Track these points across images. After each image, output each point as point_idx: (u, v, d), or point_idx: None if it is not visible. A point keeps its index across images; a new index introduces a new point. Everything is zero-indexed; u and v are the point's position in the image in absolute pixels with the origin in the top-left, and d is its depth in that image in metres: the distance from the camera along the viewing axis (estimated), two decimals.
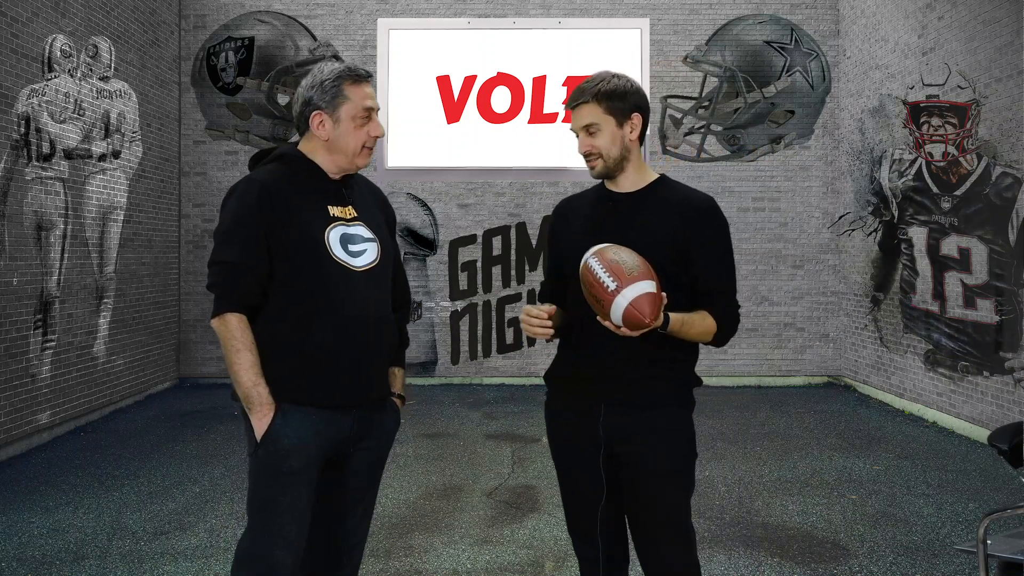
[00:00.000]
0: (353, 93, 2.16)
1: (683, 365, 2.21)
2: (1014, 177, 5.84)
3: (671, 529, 2.17)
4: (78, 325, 6.60)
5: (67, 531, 4.18)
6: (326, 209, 2.16)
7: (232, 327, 2.07)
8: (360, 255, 2.18)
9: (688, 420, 2.22)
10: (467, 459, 5.63)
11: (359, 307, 2.14)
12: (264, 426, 2.07)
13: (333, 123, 2.17)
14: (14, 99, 5.80)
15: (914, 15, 7.20)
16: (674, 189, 2.24)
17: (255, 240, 2.08)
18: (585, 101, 2.18)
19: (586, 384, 2.21)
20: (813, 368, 8.83)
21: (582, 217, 2.28)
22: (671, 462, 2.16)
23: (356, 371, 2.16)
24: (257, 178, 2.14)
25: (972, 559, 3.73)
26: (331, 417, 2.13)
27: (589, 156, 2.20)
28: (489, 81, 8.86)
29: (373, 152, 2.25)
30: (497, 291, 8.81)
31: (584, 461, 2.21)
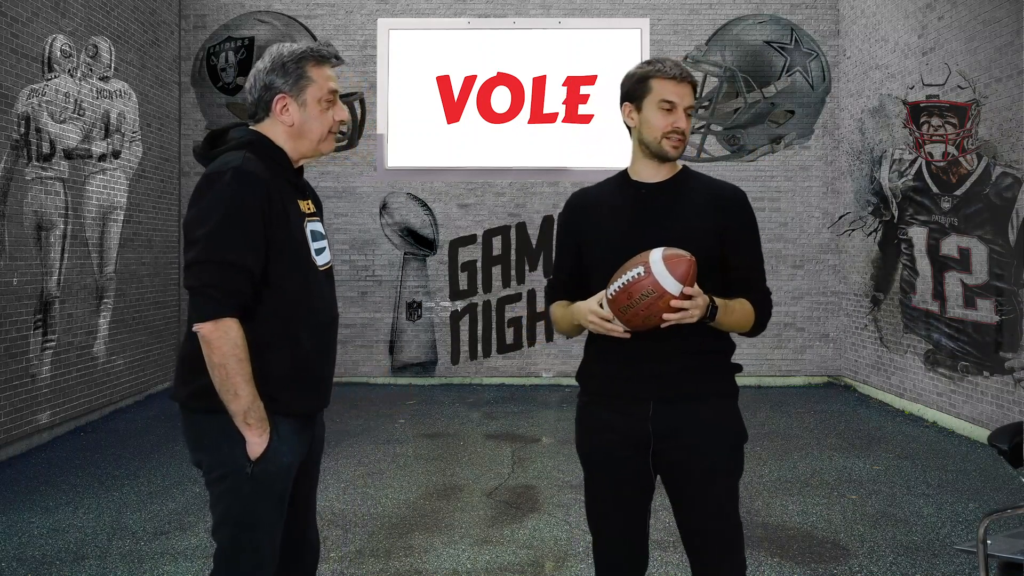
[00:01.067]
0: (317, 74, 2.00)
1: (725, 355, 2.21)
2: (1014, 177, 5.84)
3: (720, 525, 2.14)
4: (78, 325, 6.60)
5: (67, 531, 4.17)
6: (297, 203, 2.02)
7: (233, 334, 1.87)
8: (321, 253, 2.07)
9: (735, 408, 2.22)
10: (467, 459, 5.63)
11: (328, 309, 2.07)
12: (264, 443, 1.93)
13: (299, 107, 2.00)
14: (14, 99, 5.80)
15: (914, 15, 7.20)
16: (701, 179, 2.24)
17: (257, 239, 1.90)
18: (692, 82, 2.21)
19: (631, 382, 2.13)
20: (813, 368, 8.83)
21: (609, 208, 2.20)
22: (720, 456, 2.14)
23: (329, 376, 2.11)
24: (248, 168, 1.91)
25: (972, 559, 3.73)
26: (307, 424, 2.08)
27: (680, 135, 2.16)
28: (489, 81, 8.86)
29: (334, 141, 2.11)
30: (497, 291, 8.81)
31: (630, 461, 2.14)
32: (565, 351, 8.79)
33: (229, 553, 1.98)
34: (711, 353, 2.16)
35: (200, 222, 1.88)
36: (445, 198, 8.85)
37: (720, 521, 2.14)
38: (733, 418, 2.20)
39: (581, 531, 4.17)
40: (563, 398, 7.98)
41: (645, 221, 2.14)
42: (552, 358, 8.81)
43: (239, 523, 1.96)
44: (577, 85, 8.85)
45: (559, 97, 8.85)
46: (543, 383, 8.73)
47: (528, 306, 8.80)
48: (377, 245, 8.81)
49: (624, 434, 2.15)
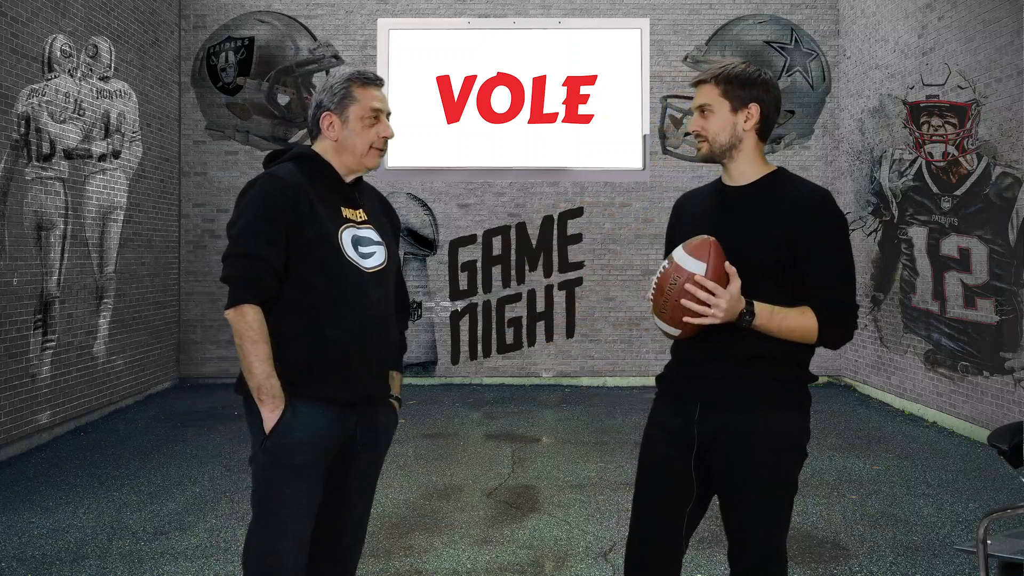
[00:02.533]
0: (361, 95, 2.22)
1: (784, 363, 2.08)
2: (1014, 177, 5.84)
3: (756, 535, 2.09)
4: (78, 325, 6.60)
5: (67, 531, 4.17)
6: (340, 210, 2.22)
7: (249, 318, 2.09)
8: (370, 257, 2.23)
9: (789, 422, 2.09)
10: (467, 459, 5.63)
11: (368, 307, 2.20)
12: (274, 419, 2.10)
13: (341, 123, 2.23)
14: (14, 99, 5.80)
15: (914, 15, 7.20)
16: (787, 183, 2.12)
17: (277, 235, 2.11)
18: (705, 81, 2.13)
19: (683, 384, 2.17)
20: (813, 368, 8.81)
21: (695, 215, 2.22)
22: (763, 466, 2.06)
23: (364, 369, 2.21)
24: (279, 175, 2.18)
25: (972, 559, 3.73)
26: (339, 414, 2.18)
27: (697, 137, 2.15)
28: (489, 81, 8.86)
29: (383, 154, 2.30)
30: (497, 291, 8.81)
31: (675, 463, 2.14)
32: (565, 351, 8.80)
33: (253, 525, 2.17)
34: (763, 359, 2.06)
35: (233, 222, 2.17)
36: (445, 198, 8.85)
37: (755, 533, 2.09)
38: (782, 431, 2.09)
39: (581, 531, 4.17)
40: (563, 398, 7.98)
41: (718, 226, 2.11)
42: (552, 358, 8.81)
43: (260, 496, 2.16)
44: (577, 85, 8.85)
45: (559, 97, 8.85)
46: (543, 383, 8.73)
47: (528, 306, 8.80)
48: None
49: (671, 434, 2.16)
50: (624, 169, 8.72)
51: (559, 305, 8.80)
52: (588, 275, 8.81)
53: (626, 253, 8.81)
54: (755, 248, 2.03)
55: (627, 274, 8.78)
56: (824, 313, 2.03)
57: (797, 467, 2.13)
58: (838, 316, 2.05)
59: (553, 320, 8.80)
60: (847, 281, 2.06)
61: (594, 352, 8.79)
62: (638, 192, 8.78)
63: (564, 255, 8.83)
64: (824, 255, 2.03)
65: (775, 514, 2.10)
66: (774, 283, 2.04)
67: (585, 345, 8.80)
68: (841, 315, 2.05)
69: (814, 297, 2.04)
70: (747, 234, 2.06)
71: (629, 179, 8.72)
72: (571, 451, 5.85)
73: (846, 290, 2.06)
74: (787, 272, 2.04)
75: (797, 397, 2.12)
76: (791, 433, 2.11)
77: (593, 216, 8.84)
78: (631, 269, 8.78)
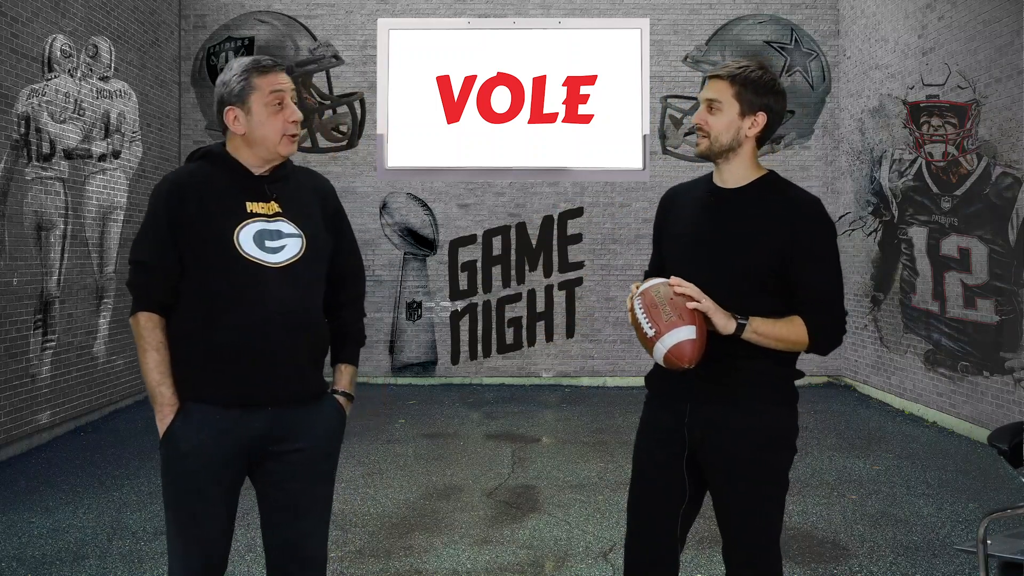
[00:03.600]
0: (260, 82, 2.13)
1: (772, 361, 2.10)
2: (1014, 177, 5.84)
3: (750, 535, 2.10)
4: (78, 325, 6.60)
5: (67, 531, 4.17)
6: (243, 205, 2.14)
7: (141, 327, 2.12)
8: (278, 251, 2.13)
9: (781, 416, 2.12)
10: (467, 459, 5.63)
11: (269, 305, 2.08)
12: (164, 425, 2.09)
13: (246, 116, 2.13)
14: (14, 99, 5.80)
15: (914, 15, 7.20)
16: (778, 189, 2.13)
17: (164, 239, 2.11)
18: (720, 76, 2.11)
19: (673, 384, 2.16)
20: (813, 368, 8.82)
21: (685, 212, 2.23)
22: (753, 463, 2.08)
23: (263, 370, 2.09)
24: (170, 177, 2.17)
25: (972, 559, 3.73)
26: (237, 416, 2.08)
27: (699, 131, 2.15)
28: (489, 81, 8.86)
29: (295, 141, 2.20)
30: (497, 291, 8.81)
31: (667, 463, 2.16)
32: (565, 351, 8.80)
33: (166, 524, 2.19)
34: (751, 357, 2.07)
35: None
36: (445, 198, 8.85)
37: (747, 530, 2.11)
38: (772, 426, 2.10)
39: (581, 531, 4.17)
40: (563, 398, 7.98)
41: (706, 230, 2.12)
42: (552, 358, 8.81)
43: (164, 500, 2.17)
44: (577, 85, 8.85)
45: (559, 97, 8.85)
46: (543, 383, 8.73)
47: (528, 306, 8.80)
48: (377, 245, 8.81)
49: (663, 434, 2.18)
50: (624, 169, 8.72)
51: (559, 305, 8.80)
52: (588, 275, 8.81)
53: (626, 253, 8.81)
54: (747, 255, 2.05)
55: (627, 274, 8.78)
56: (815, 322, 2.05)
57: (787, 464, 2.14)
58: (830, 327, 2.07)
59: (553, 320, 8.80)
60: (837, 288, 2.09)
61: (594, 352, 8.79)
62: (638, 192, 8.78)
63: (564, 255, 8.82)
64: (816, 263, 2.04)
65: (767, 511, 2.11)
66: (765, 289, 2.05)
67: (585, 345, 8.80)
68: (833, 326, 2.08)
69: (805, 305, 2.05)
70: (739, 240, 2.08)
71: (629, 179, 8.72)
72: (571, 451, 5.85)
73: (836, 298, 2.08)
74: (778, 278, 2.06)
75: (785, 394, 2.15)
76: (780, 429, 2.12)
77: (593, 216, 8.84)
78: (631, 269, 8.78)
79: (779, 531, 2.15)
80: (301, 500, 2.17)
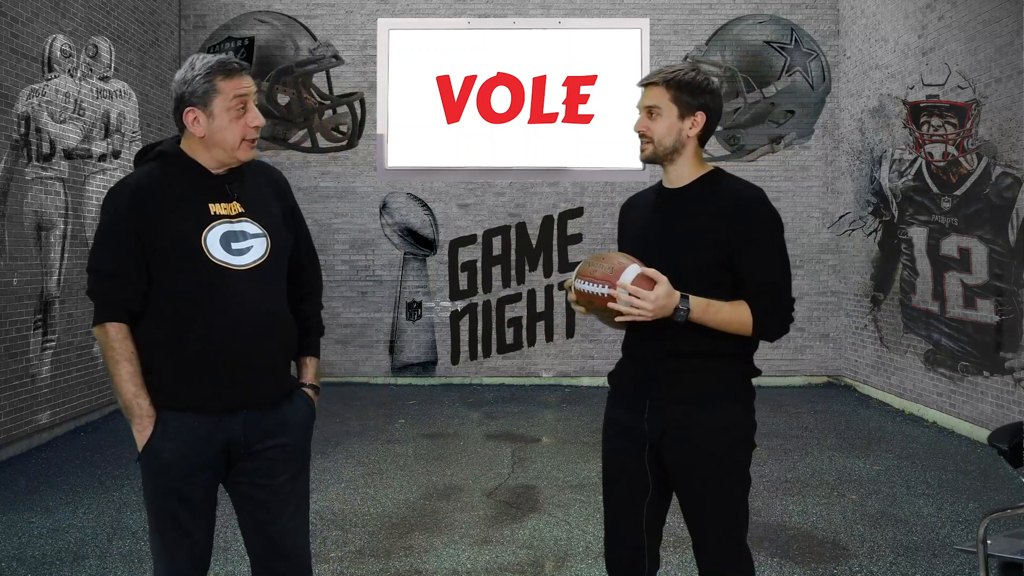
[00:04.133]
0: (224, 86, 2.06)
1: (731, 358, 2.16)
2: (1014, 177, 5.84)
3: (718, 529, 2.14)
4: (78, 325, 6.60)
5: (67, 531, 4.17)
6: (206, 208, 2.09)
7: (111, 337, 2.05)
8: (244, 253, 2.09)
9: (738, 413, 2.17)
10: (467, 459, 5.63)
11: (240, 308, 2.06)
12: (144, 438, 2.05)
13: (207, 118, 2.07)
14: (14, 99, 5.80)
15: (914, 15, 7.20)
16: (722, 183, 2.18)
17: (127, 247, 2.05)
18: (655, 83, 2.17)
19: (633, 381, 2.22)
20: (813, 368, 8.83)
21: (638, 216, 2.31)
22: (713, 459, 2.12)
23: (238, 374, 2.07)
24: (129, 181, 2.10)
25: (972, 559, 3.73)
26: (214, 421, 2.08)
27: (642, 137, 2.20)
28: (489, 81, 8.86)
29: (254, 146, 2.15)
30: (497, 291, 8.81)
31: (629, 458, 2.21)
32: (565, 351, 8.80)
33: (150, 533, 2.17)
34: (709, 355, 2.13)
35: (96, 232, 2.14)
36: (445, 198, 8.85)
37: (713, 526, 2.15)
38: (732, 424, 2.16)
39: (581, 531, 4.17)
40: (563, 398, 7.98)
41: (656, 231, 2.20)
42: (552, 358, 8.81)
43: (146, 507, 2.15)
44: (577, 85, 8.85)
45: (559, 97, 8.85)
46: (543, 383, 8.73)
47: (528, 306, 8.80)
48: (377, 245, 8.81)
49: (626, 430, 2.23)
50: (624, 169, 8.72)
51: (559, 305, 8.80)
52: None
53: None
54: (694, 249, 2.11)
55: None
56: (759, 305, 2.09)
57: (747, 459, 2.19)
58: (775, 309, 2.12)
59: (553, 320, 8.80)
60: (781, 276, 2.13)
61: (594, 352, 8.79)
62: None
63: (564, 255, 8.82)
64: (761, 253, 2.10)
65: (730, 508, 2.16)
66: (712, 283, 2.10)
67: (585, 345, 8.80)
68: (776, 308, 2.12)
69: (750, 292, 2.10)
70: (686, 236, 2.14)
71: (629, 179, 8.72)
72: (571, 451, 5.85)
73: (781, 284, 2.13)
74: (725, 272, 2.11)
75: (741, 390, 2.19)
76: (738, 425, 2.17)
77: (593, 216, 8.84)
78: None
79: (745, 527, 2.19)
80: (278, 496, 2.17)
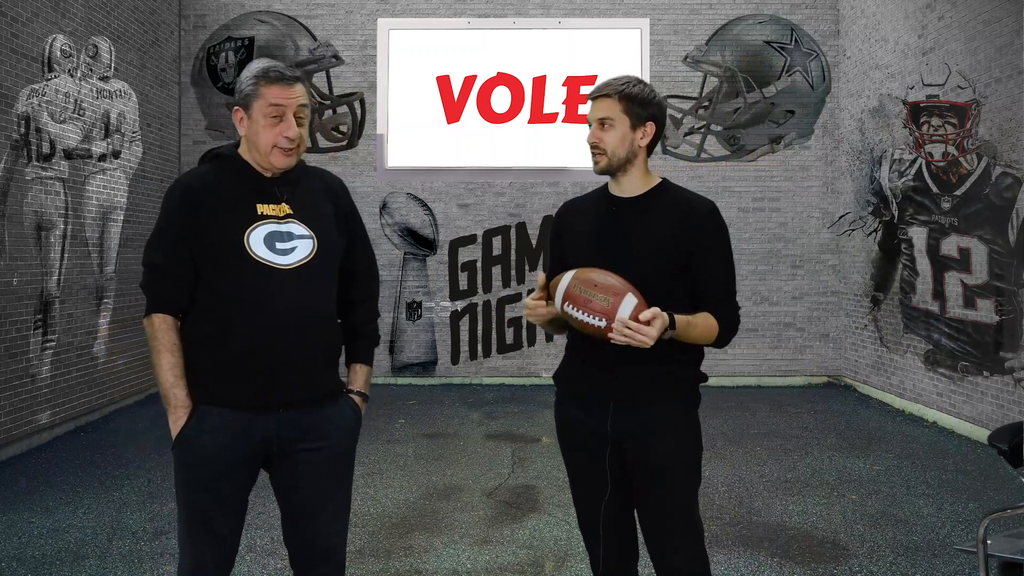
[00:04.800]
0: (265, 91, 2.12)
1: (688, 364, 2.26)
2: (1014, 177, 5.84)
3: (679, 522, 2.22)
4: (78, 325, 6.60)
5: (67, 531, 4.17)
6: (254, 208, 2.15)
7: (155, 328, 2.12)
8: (289, 253, 2.13)
9: (694, 416, 2.28)
10: (467, 459, 5.63)
11: (280, 307, 2.09)
12: (178, 428, 2.10)
13: (249, 119, 2.15)
14: (14, 99, 5.80)
15: (914, 15, 7.20)
16: (675, 194, 2.27)
17: (176, 244, 2.12)
18: (607, 95, 2.21)
19: (594, 383, 2.26)
20: (813, 368, 8.83)
21: (585, 222, 2.33)
22: (678, 457, 2.22)
23: (276, 372, 2.10)
24: (183, 180, 2.18)
25: (972, 559, 3.73)
26: (252, 418, 2.10)
27: (595, 149, 2.24)
28: (489, 81, 8.86)
29: (291, 155, 2.17)
30: (497, 291, 8.81)
31: (591, 457, 2.28)
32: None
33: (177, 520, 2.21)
34: (672, 361, 2.20)
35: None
36: (445, 198, 8.85)
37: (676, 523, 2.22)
38: (690, 425, 2.26)
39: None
40: None
41: (609, 236, 2.25)
42: (552, 358, 8.80)
43: (177, 499, 2.19)
44: (577, 85, 8.85)
45: (559, 97, 8.85)
46: (543, 383, 8.73)
47: None
48: (377, 245, 8.81)
49: (587, 431, 2.29)
50: None
51: None
52: None
53: None
54: (653, 257, 2.18)
55: None
56: (723, 318, 2.20)
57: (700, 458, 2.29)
58: (733, 319, 2.24)
59: None
60: (734, 286, 2.26)
61: None
62: None
63: None
64: (715, 263, 2.21)
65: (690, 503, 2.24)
66: (666, 291, 2.15)
67: None
68: (735, 318, 2.25)
69: (709, 302, 2.20)
70: (642, 245, 2.20)
71: None
72: None
73: (734, 295, 2.26)
74: (681, 279, 2.20)
75: (696, 393, 2.30)
76: (693, 427, 2.27)
77: None
78: None
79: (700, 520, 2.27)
80: (317, 499, 2.19)
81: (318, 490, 2.19)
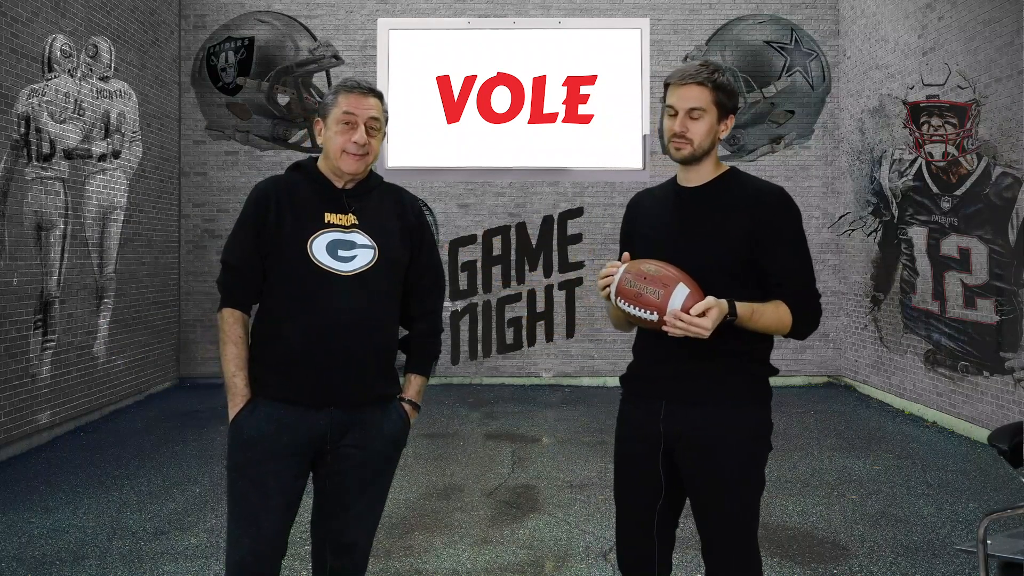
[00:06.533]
0: (342, 100, 2.28)
1: (746, 358, 2.14)
2: (1014, 177, 5.84)
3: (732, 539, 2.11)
4: (78, 325, 6.60)
5: (67, 531, 4.17)
6: (321, 216, 2.27)
7: (224, 320, 2.27)
8: (350, 260, 2.24)
9: (755, 414, 2.14)
10: (467, 459, 5.63)
11: (336, 310, 2.20)
12: (233, 413, 2.23)
13: (325, 128, 2.32)
14: (14, 99, 5.80)
15: (914, 15, 7.20)
16: (743, 181, 2.18)
17: (248, 243, 2.26)
18: (700, 83, 2.10)
19: (648, 382, 2.21)
20: (813, 368, 8.83)
21: (653, 215, 2.27)
22: (729, 461, 2.09)
23: (327, 372, 2.20)
24: (262, 185, 2.33)
25: (972, 559, 3.73)
26: (302, 414, 2.21)
27: (680, 139, 2.12)
28: (489, 81, 8.86)
29: (361, 161, 2.28)
30: (497, 291, 8.81)
31: (643, 459, 2.19)
32: (565, 351, 8.79)
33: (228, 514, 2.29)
34: (729, 356, 2.10)
35: None
36: (445, 198, 8.85)
37: (726, 529, 2.12)
38: (747, 425, 2.12)
39: (581, 531, 4.17)
40: (563, 398, 7.98)
41: (677, 229, 2.17)
42: (552, 358, 8.81)
43: (227, 488, 2.29)
44: (577, 85, 8.85)
45: (559, 97, 8.84)
46: (543, 383, 8.72)
47: (528, 306, 8.80)
48: None
49: (640, 431, 2.21)
50: (624, 169, 8.72)
51: (559, 305, 8.80)
52: (588, 275, 8.80)
53: None
54: (717, 247, 2.09)
55: None
56: (795, 304, 2.09)
57: (763, 460, 2.17)
58: (810, 308, 2.12)
59: (553, 320, 8.80)
60: (810, 271, 2.13)
61: (594, 352, 8.79)
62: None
63: (564, 255, 8.83)
64: (787, 249, 2.10)
65: (743, 509, 2.13)
66: (737, 279, 2.08)
67: (585, 345, 8.80)
68: (813, 307, 2.13)
69: (782, 289, 2.09)
70: (709, 234, 2.11)
71: (629, 179, 8.72)
72: (571, 451, 5.85)
73: (810, 280, 2.12)
74: (749, 268, 2.09)
75: (759, 391, 2.16)
76: (755, 426, 2.14)
77: (593, 216, 8.84)
78: None
79: (756, 529, 2.16)
80: (351, 493, 2.28)
81: (352, 485, 2.27)
